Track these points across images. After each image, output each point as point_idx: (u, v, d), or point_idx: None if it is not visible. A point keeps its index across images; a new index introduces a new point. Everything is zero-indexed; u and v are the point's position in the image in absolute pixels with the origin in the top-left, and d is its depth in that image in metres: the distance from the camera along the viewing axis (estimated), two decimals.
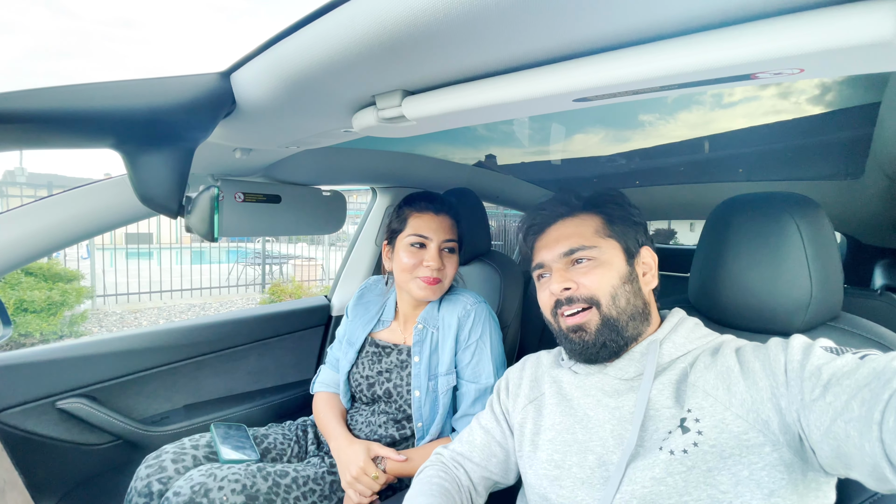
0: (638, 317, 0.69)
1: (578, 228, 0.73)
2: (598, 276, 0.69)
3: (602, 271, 0.69)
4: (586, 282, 0.69)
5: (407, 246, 1.06)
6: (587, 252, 0.70)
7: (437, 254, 1.05)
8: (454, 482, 0.78)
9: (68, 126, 0.53)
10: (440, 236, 1.06)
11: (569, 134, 1.82)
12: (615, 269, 0.70)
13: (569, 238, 0.72)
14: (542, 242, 0.76)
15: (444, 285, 1.08)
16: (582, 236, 0.72)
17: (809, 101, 1.38)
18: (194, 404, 1.37)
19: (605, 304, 0.68)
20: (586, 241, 0.71)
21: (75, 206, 0.97)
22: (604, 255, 0.70)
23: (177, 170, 0.64)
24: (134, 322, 5.69)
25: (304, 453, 1.17)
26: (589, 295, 0.69)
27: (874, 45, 0.29)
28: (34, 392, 1.11)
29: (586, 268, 0.70)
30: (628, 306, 0.69)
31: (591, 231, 0.72)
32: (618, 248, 0.71)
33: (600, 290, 0.69)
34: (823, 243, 0.69)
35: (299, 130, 0.76)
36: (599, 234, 0.72)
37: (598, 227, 0.73)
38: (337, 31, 0.43)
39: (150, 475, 0.96)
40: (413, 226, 1.06)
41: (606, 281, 0.69)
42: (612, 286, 0.69)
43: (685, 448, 0.58)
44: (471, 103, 0.49)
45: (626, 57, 0.39)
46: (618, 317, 0.68)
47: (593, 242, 0.71)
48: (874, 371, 0.47)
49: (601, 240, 0.71)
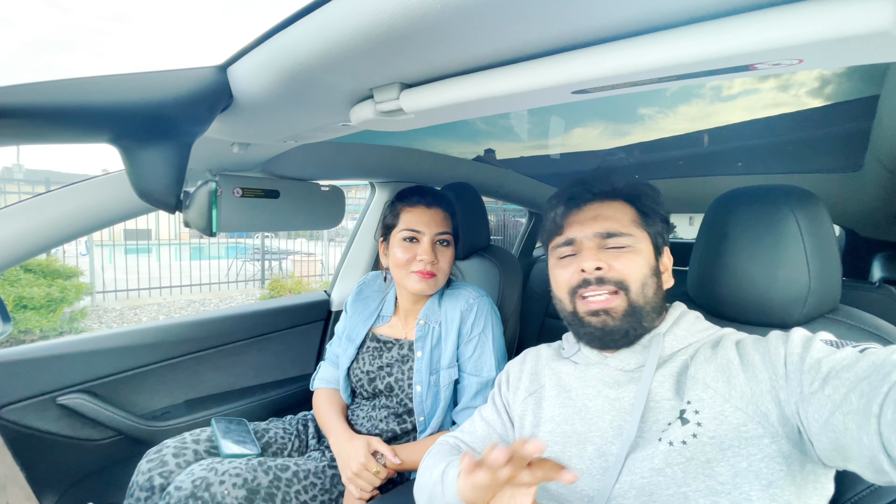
0: (657, 310, 0.69)
1: (617, 213, 0.71)
2: (631, 262, 0.68)
3: (635, 258, 0.68)
4: (618, 265, 0.68)
5: (400, 241, 1.06)
6: (623, 239, 0.69)
7: (430, 247, 1.05)
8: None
9: (65, 120, 0.52)
10: (433, 229, 1.05)
11: (568, 128, 1.82)
12: (646, 258, 0.69)
13: (607, 220, 0.70)
14: (576, 218, 0.73)
15: (440, 279, 1.08)
16: (620, 222, 0.70)
17: (809, 93, 1.37)
18: (195, 399, 1.38)
19: (635, 290, 0.67)
20: (624, 227, 0.70)
21: (73, 202, 0.96)
22: (638, 243, 0.69)
23: (174, 164, 0.64)
24: (134, 318, 5.69)
25: (304, 447, 1.18)
26: (620, 278, 0.67)
27: (873, 35, 0.29)
28: (35, 388, 1.12)
29: (619, 252, 0.69)
30: (654, 298, 0.68)
31: (629, 219, 0.71)
32: (649, 242, 0.71)
33: (632, 275, 0.67)
34: (822, 236, 0.69)
35: (297, 124, 0.75)
36: (636, 223, 0.71)
37: (633, 216, 0.72)
38: (334, 23, 0.43)
39: (152, 469, 0.97)
40: (405, 220, 1.06)
41: (638, 268, 0.68)
42: (643, 274, 0.68)
43: (684, 439, 0.58)
44: (469, 96, 0.49)
45: (624, 48, 0.38)
46: (643, 305, 0.67)
47: (630, 230, 0.70)
48: (873, 364, 0.47)
49: (637, 229, 0.71)
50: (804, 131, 1.53)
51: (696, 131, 1.68)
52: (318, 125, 0.75)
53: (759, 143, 1.67)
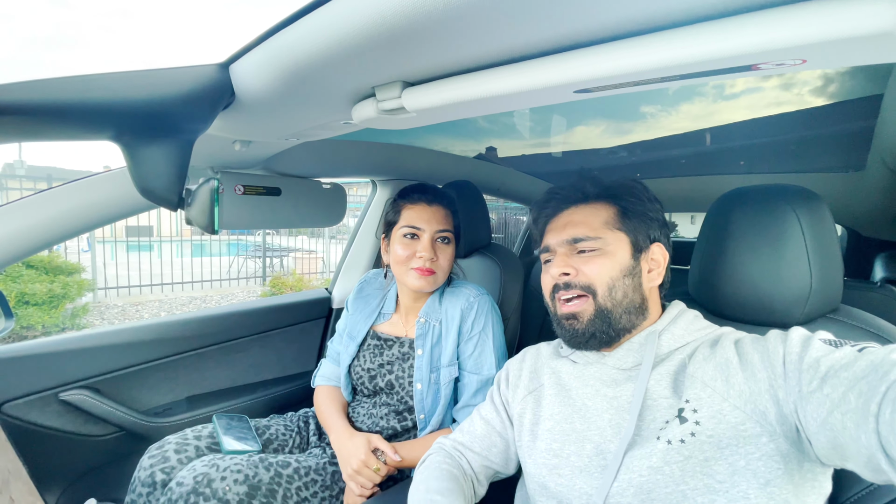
0: (634, 311, 0.70)
1: (588, 217, 0.73)
2: (599, 266, 0.69)
3: (603, 261, 0.69)
4: (586, 269, 0.70)
5: (400, 237, 1.07)
6: (591, 243, 0.71)
7: (429, 244, 1.05)
8: (459, 469, 0.79)
9: (67, 118, 0.52)
10: (433, 227, 1.06)
11: (570, 126, 1.81)
12: (617, 261, 0.70)
13: (576, 226, 0.72)
14: (552, 226, 0.76)
15: (440, 276, 1.08)
16: (589, 226, 0.72)
17: (812, 92, 1.37)
18: (196, 396, 1.38)
19: (601, 294, 0.69)
20: (592, 231, 0.71)
21: (75, 198, 0.97)
22: (608, 246, 0.70)
23: (176, 162, 0.64)
24: (135, 315, 5.71)
25: (305, 444, 1.18)
26: (587, 283, 0.69)
27: (876, 35, 0.29)
28: (38, 384, 1.12)
29: (588, 257, 0.71)
30: (624, 299, 0.69)
31: (601, 221, 0.72)
32: (625, 241, 0.71)
33: (598, 279, 0.69)
34: (824, 236, 0.69)
35: (299, 122, 0.75)
36: (609, 225, 0.72)
37: (609, 217, 0.72)
38: (336, 21, 0.43)
39: (154, 465, 0.97)
40: (406, 217, 1.07)
41: (605, 271, 0.69)
42: (611, 277, 0.69)
43: (682, 438, 0.59)
44: (471, 94, 0.49)
45: (627, 47, 0.38)
46: (612, 308, 0.68)
47: (599, 233, 0.71)
48: (872, 363, 0.47)
49: (609, 231, 0.71)
50: (807, 130, 1.53)
51: (698, 130, 1.68)
52: (320, 123, 0.75)
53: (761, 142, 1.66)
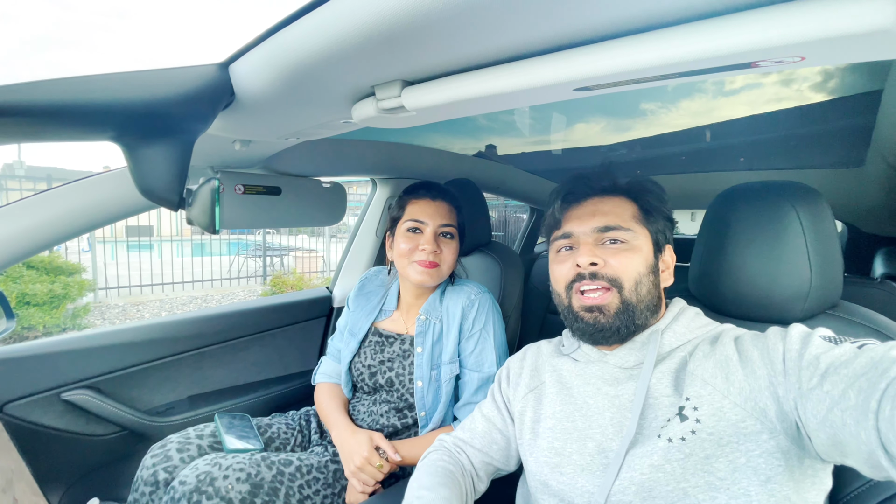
0: (651, 309, 0.69)
1: (616, 208, 0.71)
2: (627, 259, 0.67)
3: (632, 255, 0.68)
4: (614, 262, 0.67)
5: (404, 231, 1.07)
6: (622, 234, 0.69)
7: (432, 238, 1.05)
8: (458, 465, 0.79)
9: (67, 119, 0.52)
10: (436, 221, 1.06)
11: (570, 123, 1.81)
12: (644, 256, 0.69)
13: (606, 215, 0.70)
14: (576, 213, 0.73)
15: (443, 271, 1.08)
16: (619, 217, 0.70)
17: (812, 88, 1.37)
18: (198, 395, 1.39)
19: (628, 288, 0.67)
20: (623, 222, 0.69)
21: (75, 199, 0.97)
22: (637, 240, 0.69)
23: (177, 162, 0.64)
24: (136, 314, 5.71)
25: (307, 442, 1.19)
26: (614, 275, 0.67)
27: (875, 32, 0.29)
28: (39, 384, 1.12)
29: (617, 249, 0.69)
30: (647, 296, 0.68)
31: (629, 215, 0.71)
32: (649, 239, 0.70)
33: (626, 272, 0.67)
34: (823, 232, 0.69)
35: (299, 121, 0.75)
36: (635, 219, 0.71)
37: (634, 213, 0.71)
38: (336, 20, 0.43)
39: (156, 465, 0.97)
40: (410, 212, 1.08)
41: (634, 266, 0.67)
42: (639, 272, 0.67)
43: (683, 436, 0.59)
44: (471, 93, 0.49)
45: (627, 45, 0.38)
46: (636, 304, 0.67)
47: (629, 225, 0.69)
48: (871, 360, 0.47)
49: (636, 225, 0.70)
50: (807, 126, 1.53)
51: (698, 126, 1.68)
52: (320, 122, 0.75)
53: (761, 139, 1.66)
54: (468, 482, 0.78)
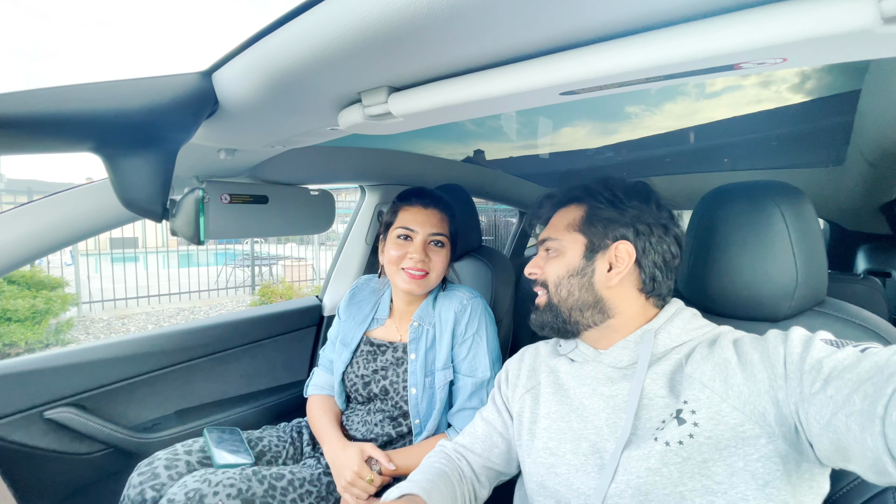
0: (587, 308, 0.72)
1: (558, 220, 0.78)
2: (552, 265, 0.76)
3: (556, 261, 0.75)
4: (546, 268, 0.76)
5: (394, 238, 1.07)
6: (550, 244, 0.77)
7: (421, 246, 1.05)
8: (455, 470, 0.79)
9: (46, 130, 0.51)
10: (426, 230, 1.06)
11: (556, 127, 1.83)
12: (566, 261, 0.74)
13: (548, 229, 0.79)
14: (539, 226, 0.85)
15: (431, 279, 1.07)
16: (555, 228, 0.78)
17: (790, 89, 1.40)
18: (186, 409, 1.36)
19: (551, 290, 0.75)
20: (553, 233, 0.77)
21: (57, 211, 0.95)
22: (563, 246, 0.75)
23: (159, 172, 0.63)
24: (122, 328, 5.60)
25: (299, 455, 1.17)
26: (543, 279, 0.77)
27: (855, 32, 0.30)
28: (21, 403, 1.09)
29: (548, 256, 0.77)
30: (569, 297, 0.73)
31: (565, 224, 0.76)
32: (579, 243, 0.73)
33: (549, 277, 0.75)
34: (807, 230, 0.70)
35: (284, 129, 0.75)
36: (570, 227, 0.75)
37: (574, 219, 0.76)
38: (320, 27, 0.43)
39: (143, 483, 0.95)
40: (401, 218, 1.07)
41: (554, 271, 0.75)
42: (558, 276, 0.74)
43: (681, 439, 0.58)
44: (457, 98, 0.49)
45: (612, 49, 0.38)
46: (559, 304, 0.74)
47: (558, 235, 0.76)
48: (876, 365, 0.47)
49: (567, 233, 0.75)
50: (787, 127, 1.56)
51: (682, 129, 1.70)
52: (306, 130, 0.75)
53: (743, 140, 1.69)
54: (466, 487, 0.78)
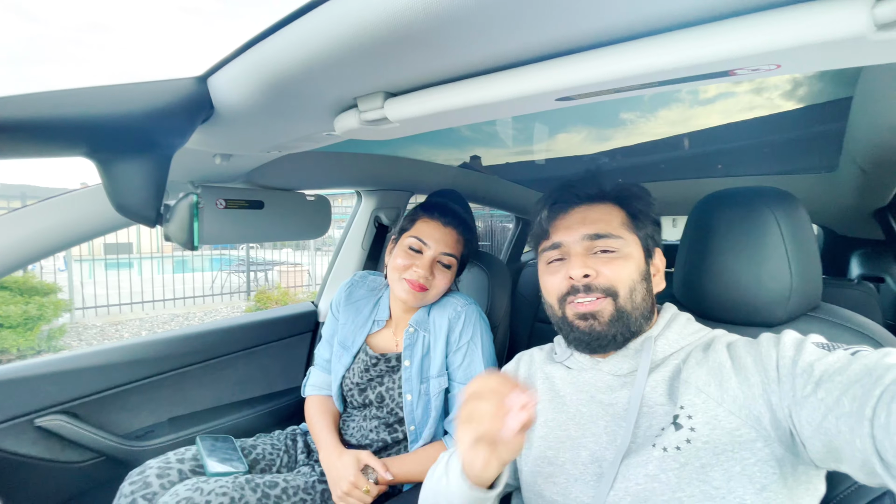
0: (646, 315, 0.68)
1: (604, 215, 0.70)
2: (620, 268, 0.66)
3: (623, 263, 0.67)
4: (607, 271, 0.66)
5: (405, 247, 1.06)
6: (611, 242, 0.67)
7: (429, 263, 1.04)
8: None
9: (40, 134, 0.51)
10: (439, 247, 1.05)
11: (552, 133, 1.83)
12: (635, 263, 0.68)
13: (595, 222, 0.69)
14: (564, 222, 0.71)
15: (430, 296, 1.07)
16: (608, 224, 0.69)
17: (782, 96, 1.41)
18: (179, 417, 1.34)
19: (623, 296, 0.66)
20: (613, 229, 0.68)
21: (50, 216, 0.94)
22: (627, 247, 0.68)
23: (154, 177, 0.62)
24: (115, 334, 5.55)
25: (293, 462, 1.15)
26: (608, 285, 0.66)
27: (849, 39, 0.30)
28: (11, 410, 1.07)
29: (608, 258, 0.67)
30: (642, 303, 0.67)
31: (618, 222, 0.69)
32: (639, 245, 0.70)
33: (620, 281, 0.66)
34: (802, 236, 0.71)
35: (280, 134, 0.74)
36: (624, 226, 0.70)
37: (623, 219, 0.70)
38: (316, 32, 0.43)
39: (135, 492, 0.93)
40: (417, 228, 1.06)
41: (626, 274, 0.66)
42: (632, 280, 0.66)
43: (678, 445, 0.58)
44: (453, 104, 0.49)
45: (608, 55, 0.39)
46: (631, 311, 0.66)
47: (619, 233, 0.68)
48: (866, 367, 0.47)
49: (626, 232, 0.69)
50: (780, 133, 1.57)
51: (676, 135, 1.71)
52: (302, 135, 0.75)
53: (737, 146, 1.70)
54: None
